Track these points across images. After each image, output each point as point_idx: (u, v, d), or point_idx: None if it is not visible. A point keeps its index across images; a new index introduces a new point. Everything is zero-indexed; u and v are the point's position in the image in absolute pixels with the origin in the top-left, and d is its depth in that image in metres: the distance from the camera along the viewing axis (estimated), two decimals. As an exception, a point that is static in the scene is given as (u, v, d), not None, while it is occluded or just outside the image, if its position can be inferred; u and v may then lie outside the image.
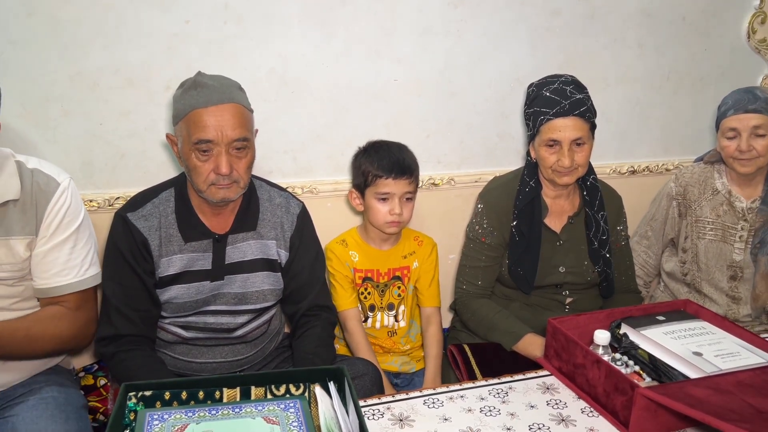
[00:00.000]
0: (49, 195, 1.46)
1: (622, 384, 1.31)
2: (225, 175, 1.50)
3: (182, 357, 1.69)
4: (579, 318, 1.59)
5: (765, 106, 1.88)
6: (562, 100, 1.76)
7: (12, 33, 1.75)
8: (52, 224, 1.46)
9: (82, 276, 1.52)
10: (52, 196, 1.46)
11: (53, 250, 1.47)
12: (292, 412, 1.14)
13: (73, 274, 1.50)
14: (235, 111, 1.50)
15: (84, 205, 1.59)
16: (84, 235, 1.53)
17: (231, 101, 1.50)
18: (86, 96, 1.86)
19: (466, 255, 1.99)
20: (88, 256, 1.54)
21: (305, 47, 2.01)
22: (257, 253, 1.67)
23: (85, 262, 1.53)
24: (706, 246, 2.05)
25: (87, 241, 1.54)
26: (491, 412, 1.37)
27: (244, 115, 1.53)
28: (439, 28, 2.13)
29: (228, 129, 1.48)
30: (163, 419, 1.10)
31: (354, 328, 1.94)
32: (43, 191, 1.46)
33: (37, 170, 1.48)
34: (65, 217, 1.48)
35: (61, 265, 1.49)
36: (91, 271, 1.55)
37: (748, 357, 1.43)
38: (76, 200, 1.52)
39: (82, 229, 1.53)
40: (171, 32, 1.87)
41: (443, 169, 2.31)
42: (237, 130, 1.49)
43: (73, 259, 1.51)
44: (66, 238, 1.49)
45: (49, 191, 1.46)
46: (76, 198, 1.52)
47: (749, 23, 2.50)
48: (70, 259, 1.50)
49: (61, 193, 1.47)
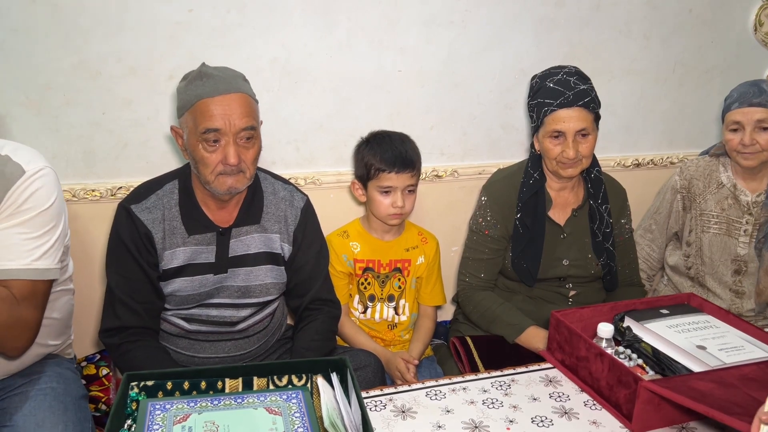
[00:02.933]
0: (10, 183, 1.35)
1: (625, 377, 1.31)
2: (234, 165, 1.49)
3: (185, 351, 1.69)
4: (582, 311, 1.58)
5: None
6: (566, 91, 1.75)
7: (14, 21, 1.74)
8: (7, 210, 1.35)
9: (27, 265, 1.37)
10: (13, 184, 1.35)
11: (2, 233, 1.35)
12: (295, 402, 1.14)
13: (20, 260, 1.36)
14: (242, 100, 1.49)
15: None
16: (44, 226, 1.40)
17: (238, 91, 1.50)
18: (88, 85, 1.85)
19: (469, 247, 1.98)
20: (43, 247, 1.40)
21: (308, 37, 2.00)
22: (261, 246, 1.66)
23: (37, 252, 1.39)
24: (710, 240, 2.04)
25: (47, 233, 1.41)
26: (494, 405, 1.36)
27: (250, 105, 1.52)
28: (443, 19, 2.11)
29: (235, 118, 1.47)
30: (165, 409, 1.10)
31: (344, 320, 1.93)
32: (6, 178, 1.35)
33: (7, 157, 1.38)
34: (24, 204, 1.36)
35: (7, 249, 1.36)
36: (42, 264, 1.39)
37: (752, 351, 1.42)
38: (46, 190, 1.40)
39: (43, 219, 1.40)
40: (174, 21, 1.86)
41: (446, 161, 2.30)
42: (244, 119, 1.49)
43: (23, 245, 1.37)
44: (19, 223, 1.36)
45: (11, 179, 1.35)
46: (47, 188, 1.40)
47: (756, 16, 2.48)
48: (20, 244, 1.37)
49: (24, 180, 1.36)
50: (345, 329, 1.94)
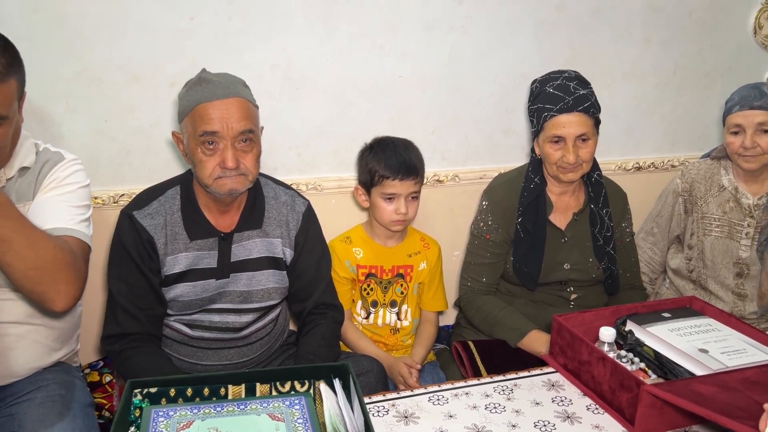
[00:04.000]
0: (54, 163, 1.51)
1: (627, 381, 1.31)
2: (231, 169, 1.50)
3: (187, 359, 1.69)
4: (584, 315, 1.58)
5: None
6: (565, 96, 1.75)
7: (17, 29, 1.74)
8: (51, 183, 1.48)
9: (75, 225, 1.46)
10: (57, 164, 1.51)
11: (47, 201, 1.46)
12: (297, 409, 1.14)
13: (69, 221, 1.45)
14: (240, 104, 1.50)
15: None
16: (82, 200, 1.52)
17: (236, 95, 1.51)
18: (91, 92, 1.86)
19: (471, 252, 1.98)
20: (83, 215, 1.50)
21: (309, 42, 2.01)
22: (263, 251, 1.67)
23: (80, 217, 1.49)
24: (712, 243, 2.04)
25: (85, 207, 1.52)
26: (496, 409, 1.37)
27: (249, 109, 1.53)
28: (444, 23, 2.12)
29: (233, 121, 1.48)
30: (168, 416, 1.11)
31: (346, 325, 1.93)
32: (52, 161, 1.51)
33: (47, 149, 1.55)
34: (66, 179, 1.50)
35: (57, 212, 1.45)
36: (84, 228, 1.48)
37: (754, 354, 1.42)
38: (83, 173, 1.54)
39: (82, 194, 1.52)
40: (176, 28, 1.87)
41: (448, 166, 2.30)
42: (242, 123, 1.49)
43: (69, 210, 1.47)
44: (63, 193, 1.48)
45: (55, 160, 1.51)
46: (83, 172, 1.55)
47: (756, 18, 2.48)
48: (67, 210, 1.47)
49: (65, 162, 1.52)
50: (348, 334, 1.94)
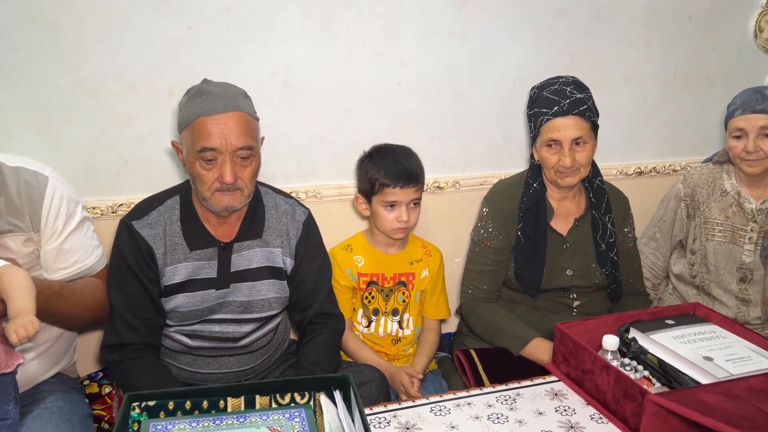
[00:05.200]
0: (41, 189, 1.48)
1: (631, 390, 1.30)
2: (229, 183, 1.49)
3: (187, 367, 1.68)
4: (587, 323, 1.57)
5: None
6: (561, 100, 1.75)
7: (14, 40, 1.75)
8: (59, 216, 1.50)
9: (94, 259, 1.60)
10: (45, 189, 1.48)
11: (71, 238, 1.53)
12: (297, 421, 1.13)
13: (95, 253, 1.60)
14: (239, 119, 1.49)
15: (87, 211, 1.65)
16: (86, 219, 1.60)
17: (236, 109, 1.49)
18: (88, 102, 1.86)
19: (472, 259, 1.97)
20: (95, 238, 1.63)
21: (308, 50, 2.00)
22: (263, 261, 1.66)
23: (96, 242, 1.63)
24: (715, 248, 2.03)
25: (89, 225, 1.62)
26: (499, 420, 1.35)
27: (249, 124, 1.51)
28: (443, 30, 2.11)
29: (232, 137, 1.47)
30: (166, 430, 1.09)
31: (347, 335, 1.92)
32: (33, 186, 1.48)
33: (21, 168, 1.49)
34: (68, 206, 1.52)
35: (85, 247, 1.57)
36: (99, 254, 1.63)
37: (759, 361, 1.41)
38: (68, 188, 1.56)
39: (82, 214, 1.58)
40: (173, 37, 1.87)
41: (448, 172, 2.29)
42: (241, 139, 1.48)
43: (90, 240, 1.59)
44: (78, 224, 1.55)
45: (39, 186, 1.48)
46: (67, 186, 1.56)
47: (756, 22, 2.47)
48: (90, 240, 1.59)
49: (54, 186, 1.50)
50: (348, 344, 1.93)
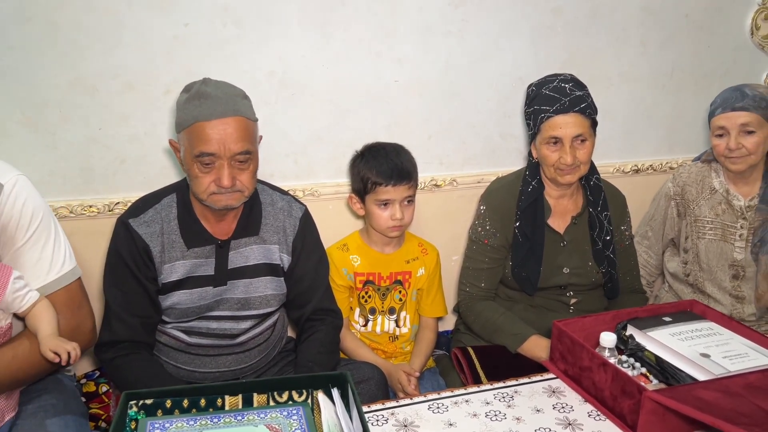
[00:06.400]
0: None
1: (629, 387, 1.30)
2: (226, 187, 1.48)
3: (185, 366, 1.68)
4: (584, 320, 1.57)
5: (753, 103, 1.87)
6: (562, 98, 1.75)
7: (10, 38, 1.74)
8: (7, 230, 1.35)
9: (58, 273, 1.42)
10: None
11: (19, 255, 1.37)
12: (295, 419, 1.13)
13: (52, 272, 1.41)
14: (237, 124, 1.47)
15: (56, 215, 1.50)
16: (49, 231, 1.42)
17: (235, 114, 1.48)
18: (85, 101, 1.85)
19: (469, 257, 1.97)
20: (60, 250, 1.44)
21: (305, 49, 2.00)
22: (260, 257, 1.66)
23: (58, 257, 1.43)
24: (706, 245, 2.03)
25: (55, 237, 1.44)
26: (497, 417, 1.35)
27: (247, 128, 1.50)
28: (440, 29, 2.11)
29: (230, 143, 1.46)
30: (164, 428, 1.09)
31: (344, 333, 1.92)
32: None
33: None
34: (21, 219, 1.36)
35: (32, 268, 1.39)
36: (68, 266, 1.45)
37: (756, 358, 1.41)
38: (30, 198, 1.39)
39: (44, 226, 1.41)
40: (170, 35, 1.86)
41: (445, 170, 2.29)
42: (239, 144, 1.47)
43: (44, 258, 1.40)
44: (27, 241, 1.38)
45: None
46: (30, 196, 1.39)
47: (753, 19, 2.47)
48: (41, 259, 1.40)
49: (8, 195, 1.34)
50: (346, 342, 1.93)
